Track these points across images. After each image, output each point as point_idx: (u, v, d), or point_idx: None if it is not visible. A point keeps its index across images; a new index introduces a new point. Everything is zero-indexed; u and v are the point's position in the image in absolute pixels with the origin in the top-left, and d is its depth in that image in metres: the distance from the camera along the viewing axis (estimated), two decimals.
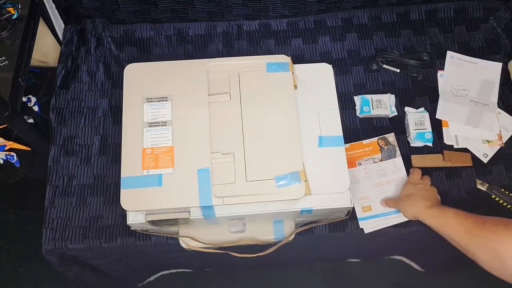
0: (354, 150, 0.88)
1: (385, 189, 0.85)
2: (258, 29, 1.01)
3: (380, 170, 0.86)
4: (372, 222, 0.84)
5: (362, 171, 0.86)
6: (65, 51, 0.97)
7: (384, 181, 0.86)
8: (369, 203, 0.85)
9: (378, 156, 0.87)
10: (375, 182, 0.86)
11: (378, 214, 0.84)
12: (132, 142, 0.74)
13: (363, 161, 0.87)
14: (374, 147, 0.87)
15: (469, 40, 1.01)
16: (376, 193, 0.85)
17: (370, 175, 0.86)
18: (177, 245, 0.81)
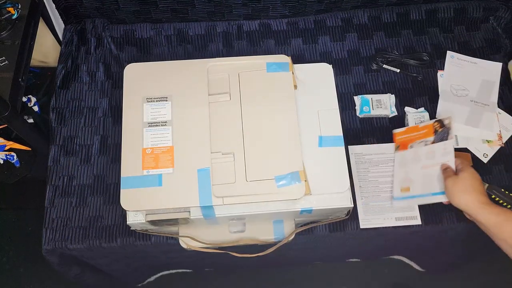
0: (409, 134, 0.87)
1: (430, 172, 0.81)
2: (258, 29, 1.01)
3: (429, 153, 0.82)
4: (406, 202, 0.83)
5: (411, 154, 0.85)
6: (65, 51, 0.97)
7: (431, 164, 0.81)
8: (409, 184, 0.83)
9: (430, 139, 0.83)
10: (422, 165, 0.82)
11: (415, 195, 0.82)
12: (132, 142, 0.74)
13: (415, 144, 0.85)
14: (428, 130, 0.84)
15: (469, 40, 1.01)
16: (420, 176, 0.82)
17: (419, 158, 0.83)
18: (177, 245, 0.81)
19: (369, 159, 0.88)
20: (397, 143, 0.88)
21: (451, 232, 0.88)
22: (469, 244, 1.02)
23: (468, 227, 0.85)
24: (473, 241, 0.99)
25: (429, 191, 0.80)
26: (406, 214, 0.85)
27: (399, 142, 0.88)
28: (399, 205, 0.84)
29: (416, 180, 0.82)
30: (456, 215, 0.85)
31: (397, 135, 0.89)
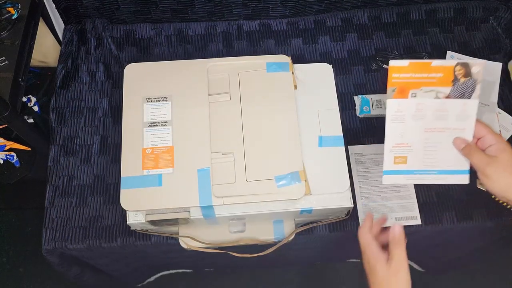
0: (415, 72, 0.60)
1: (436, 138, 0.61)
2: (258, 29, 1.01)
3: (440, 111, 0.60)
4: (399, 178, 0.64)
5: (412, 106, 0.61)
6: (65, 51, 0.97)
7: (439, 127, 0.61)
8: (406, 153, 0.62)
9: (445, 89, 0.59)
10: (426, 126, 0.61)
11: (413, 170, 0.63)
12: (132, 142, 0.74)
13: (420, 92, 0.60)
14: (446, 75, 0.59)
15: (469, 40, 1.01)
16: (421, 141, 0.62)
17: (422, 114, 0.61)
18: (177, 245, 0.81)
19: (369, 159, 0.88)
20: (393, 84, 0.60)
21: (451, 232, 0.88)
22: (469, 244, 1.02)
23: (468, 227, 0.85)
24: (473, 241, 1.00)
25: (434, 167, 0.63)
26: (406, 214, 0.85)
27: (396, 83, 0.60)
28: (391, 181, 0.65)
29: (416, 147, 0.62)
30: (456, 215, 0.85)
31: (394, 71, 0.60)
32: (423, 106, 0.61)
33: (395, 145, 0.63)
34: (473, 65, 0.58)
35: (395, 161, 0.64)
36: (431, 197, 0.86)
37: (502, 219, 0.84)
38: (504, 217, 0.85)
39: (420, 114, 0.61)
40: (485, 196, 0.86)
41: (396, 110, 0.61)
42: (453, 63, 0.59)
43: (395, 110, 0.61)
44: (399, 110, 0.61)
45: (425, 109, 0.61)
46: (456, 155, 0.62)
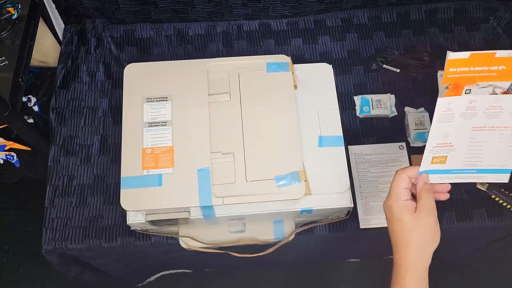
0: (475, 66, 0.53)
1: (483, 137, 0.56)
2: (258, 29, 1.01)
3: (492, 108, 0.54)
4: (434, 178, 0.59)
5: (464, 103, 0.54)
6: (65, 51, 0.97)
7: (489, 126, 0.55)
8: (447, 152, 0.57)
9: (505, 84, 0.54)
10: (475, 125, 0.55)
11: (451, 170, 0.58)
12: (132, 142, 0.74)
13: (475, 88, 0.54)
14: (509, 68, 0.52)
15: (469, 40, 1.01)
16: (466, 141, 0.56)
17: (474, 112, 0.55)
18: (177, 245, 0.81)
19: (369, 159, 0.88)
20: (449, 80, 0.53)
21: (451, 232, 0.87)
22: (469, 244, 1.02)
23: (468, 227, 0.85)
24: (473, 241, 1.00)
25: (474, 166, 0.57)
26: None
27: (453, 79, 0.53)
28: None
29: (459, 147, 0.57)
30: (456, 215, 0.85)
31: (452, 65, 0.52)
32: (476, 103, 0.54)
33: (436, 145, 0.57)
34: None
35: (432, 161, 0.58)
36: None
37: (502, 219, 0.84)
38: (504, 217, 0.84)
39: (471, 112, 0.55)
40: (485, 196, 0.86)
41: (445, 109, 0.55)
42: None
43: (444, 109, 0.55)
44: (448, 109, 0.55)
45: (477, 106, 0.55)
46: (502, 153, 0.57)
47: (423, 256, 0.56)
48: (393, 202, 0.58)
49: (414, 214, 0.56)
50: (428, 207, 0.56)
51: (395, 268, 0.58)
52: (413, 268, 0.56)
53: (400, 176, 0.58)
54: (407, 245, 0.56)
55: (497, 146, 0.57)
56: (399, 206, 0.57)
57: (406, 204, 0.57)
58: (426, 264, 0.56)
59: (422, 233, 0.56)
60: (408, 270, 0.56)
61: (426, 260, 0.56)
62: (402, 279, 0.56)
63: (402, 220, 0.56)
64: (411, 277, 0.56)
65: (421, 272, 0.56)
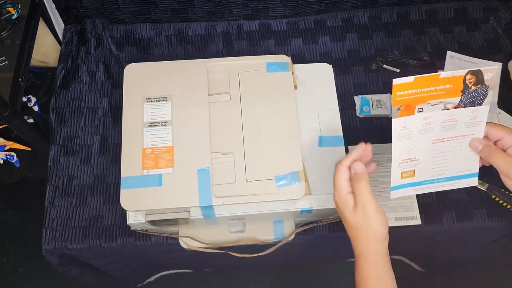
0: (422, 88, 0.55)
1: (445, 148, 0.60)
2: (258, 29, 1.01)
3: (448, 121, 0.58)
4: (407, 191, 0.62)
5: (419, 121, 0.58)
6: (65, 51, 0.97)
7: (447, 137, 0.59)
8: (414, 166, 0.61)
9: (454, 100, 0.57)
10: (434, 138, 0.59)
11: (421, 182, 0.61)
12: (132, 142, 0.74)
13: (427, 106, 0.57)
14: (455, 86, 0.55)
15: (469, 40, 1.01)
16: (429, 154, 0.60)
17: (430, 127, 0.58)
18: (177, 245, 0.81)
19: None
20: (399, 103, 0.56)
21: (451, 232, 0.88)
22: (469, 244, 1.02)
23: (468, 227, 0.85)
24: (473, 241, 1.00)
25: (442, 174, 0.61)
26: (406, 214, 0.85)
27: (402, 101, 0.56)
28: (398, 195, 0.63)
29: (424, 160, 0.60)
30: (456, 215, 0.85)
31: (398, 89, 0.55)
32: (430, 119, 0.58)
33: (402, 161, 0.60)
34: (486, 71, 0.55)
35: (402, 176, 0.61)
36: (431, 197, 0.86)
37: (502, 219, 0.84)
38: (504, 217, 0.85)
39: (428, 127, 0.59)
40: (485, 196, 0.86)
41: (402, 128, 0.58)
42: (463, 72, 0.55)
43: (401, 129, 0.58)
44: (405, 128, 0.58)
45: (433, 122, 0.58)
46: (465, 159, 0.61)
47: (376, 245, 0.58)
48: (336, 198, 0.59)
49: (353, 209, 0.57)
50: (363, 199, 0.56)
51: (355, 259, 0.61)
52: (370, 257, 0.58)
53: (338, 169, 0.59)
54: (357, 239, 0.59)
55: (459, 154, 0.60)
56: (342, 203, 0.58)
57: (347, 200, 0.58)
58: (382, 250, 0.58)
59: (367, 227, 0.57)
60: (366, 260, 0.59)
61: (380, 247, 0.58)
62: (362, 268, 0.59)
63: (346, 217, 0.59)
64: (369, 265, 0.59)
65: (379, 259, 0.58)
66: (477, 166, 0.62)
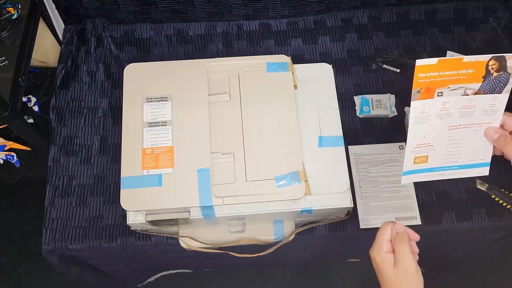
0: (444, 71, 0.55)
1: (460, 135, 0.59)
2: (258, 29, 1.01)
3: (466, 107, 0.58)
4: (418, 176, 0.62)
5: (438, 106, 0.57)
6: (65, 51, 0.97)
7: (464, 124, 0.58)
8: (427, 152, 0.60)
9: (475, 86, 0.56)
10: (451, 124, 0.59)
11: (433, 168, 0.61)
12: (132, 142, 0.74)
13: (447, 91, 0.56)
14: (477, 71, 0.55)
15: (469, 40, 1.01)
16: (444, 140, 0.59)
17: (448, 113, 0.58)
18: (177, 245, 0.81)
19: (369, 159, 0.88)
20: (420, 85, 0.56)
21: (451, 232, 0.88)
22: (469, 244, 1.02)
23: (468, 227, 0.85)
24: (473, 241, 1.00)
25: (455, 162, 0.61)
26: (406, 214, 0.85)
27: (423, 83, 0.56)
28: (410, 180, 0.63)
29: (438, 146, 0.60)
30: (456, 215, 0.85)
31: (421, 70, 0.55)
32: (449, 104, 0.58)
33: (416, 146, 0.60)
34: (509, 58, 0.55)
35: (415, 161, 0.61)
36: (431, 197, 0.86)
37: (502, 219, 0.85)
38: (504, 217, 0.85)
39: (446, 112, 0.58)
40: (485, 196, 0.86)
41: (420, 111, 0.58)
42: (487, 58, 0.55)
43: (419, 112, 0.58)
44: (423, 111, 0.58)
45: (451, 107, 0.58)
46: (478, 148, 0.60)
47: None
48: (375, 254, 0.61)
49: (394, 268, 0.59)
50: (405, 261, 0.58)
51: None
52: None
53: (385, 229, 0.61)
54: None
55: (473, 142, 0.60)
56: (380, 259, 0.60)
57: (387, 258, 0.59)
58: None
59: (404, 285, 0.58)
60: None
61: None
62: None
63: (383, 273, 0.60)
64: None
65: None
66: (490, 156, 0.62)
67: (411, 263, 0.58)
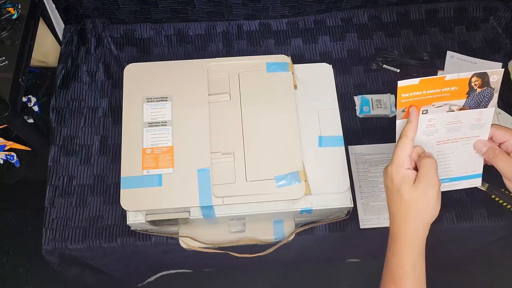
0: (427, 90, 0.55)
1: (449, 149, 0.60)
2: (258, 29, 1.01)
3: (452, 123, 0.58)
4: None
5: (424, 123, 0.57)
6: (65, 51, 0.97)
7: (452, 139, 0.59)
8: None
9: (459, 102, 0.56)
10: (438, 139, 0.59)
11: None
12: (132, 142, 0.74)
13: (432, 108, 0.57)
14: (460, 87, 0.55)
15: (469, 40, 1.01)
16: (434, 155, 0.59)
17: (435, 129, 0.58)
18: (177, 245, 0.81)
19: (369, 159, 0.88)
20: (404, 104, 0.57)
21: (451, 232, 0.88)
22: (469, 244, 1.02)
23: (468, 227, 0.85)
24: (473, 241, 1.00)
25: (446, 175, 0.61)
26: None
27: (406, 103, 0.56)
28: None
29: None
30: (456, 215, 0.85)
31: (404, 91, 0.55)
32: (435, 121, 0.58)
33: None
34: (492, 74, 0.55)
35: None
36: None
37: (502, 219, 0.84)
38: (504, 217, 0.84)
39: (432, 129, 0.59)
40: (485, 196, 0.86)
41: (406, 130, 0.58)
42: (469, 75, 0.55)
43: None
44: None
45: (437, 124, 0.58)
46: (469, 161, 0.61)
47: (422, 229, 0.55)
48: (394, 170, 0.56)
49: (414, 185, 0.54)
50: (429, 177, 0.54)
51: (392, 241, 0.57)
52: (411, 241, 0.55)
53: (404, 143, 0.56)
54: (406, 217, 0.55)
55: (463, 156, 0.60)
56: (401, 175, 0.55)
57: (407, 174, 0.55)
58: (424, 236, 0.55)
59: (422, 205, 0.54)
60: (406, 243, 0.55)
61: (424, 232, 0.55)
62: (399, 252, 0.55)
63: (401, 191, 0.55)
64: (409, 250, 0.55)
65: (419, 245, 0.55)
66: (481, 167, 0.62)
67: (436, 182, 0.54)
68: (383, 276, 0.58)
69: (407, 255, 0.55)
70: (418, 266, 0.56)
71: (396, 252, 0.56)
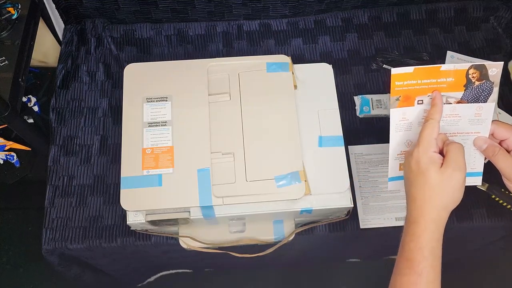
0: (422, 79, 0.54)
1: None
2: (258, 29, 1.01)
3: (450, 116, 0.56)
4: None
5: (419, 114, 0.57)
6: (65, 51, 0.97)
7: (450, 133, 0.57)
8: None
9: (456, 94, 0.55)
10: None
11: None
12: (132, 142, 0.74)
13: (427, 99, 0.56)
14: (457, 79, 0.54)
15: (470, 40, 1.01)
16: None
17: None
18: (177, 245, 0.81)
19: (369, 159, 0.88)
20: (397, 93, 0.56)
21: (451, 232, 0.87)
22: (469, 244, 1.02)
23: (468, 227, 0.85)
24: (473, 241, 1.00)
25: None
26: None
27: (400, 91, 0.56)
28: (396, 187, 0.63)
29: None
30: (456, 215, 0.85)
31: (397, 79, 0.55)
32: None
33: (401, 153, 0.60)
34: (491, 67, 0.54)
35: (400, 167, 0.61)
36: None
37: (502, 219, 0.84)
38: (504, 217, 0.84)
39: None
40: (485, 196, 0.86)
41: (401, 119, 0.58)
42: (466, 66, 0.54)
43: (400, 119, 0.58)
44: (404, 119, 0.58)
45: None
46: (468, 157, 0.58)
47: (444, 214, 0.54)
48: (422, 152, 0.54)
49: (440, 169, 0.53)
50: (457, 161, 0.53)
51: (410, 225, 0.54)
52: (432, 225, 0.53)
53: (432, 125, 0.54)
54: (429, 201, 0.53)
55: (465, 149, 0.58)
56: (428, 157, 0.53)
57: (434, 158, 0.53)
58: (444, 222, 0.54)
59: (446, 191, 0.53)
60: (427, 228, 0.53)
61: (446, 218, 0.54)
62: (419, 236, 0.53)
63: (427, 174, 0.53)
64: (430, 235, 0.53)
65: (439, 231, 0.54)
66: (482, 165, 0.61)
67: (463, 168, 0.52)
68: (398, 262, 0.56)
69: (427, 239, 0.53)
70: (436, 253, 0.54)
71: (415, 236, 0.54)
